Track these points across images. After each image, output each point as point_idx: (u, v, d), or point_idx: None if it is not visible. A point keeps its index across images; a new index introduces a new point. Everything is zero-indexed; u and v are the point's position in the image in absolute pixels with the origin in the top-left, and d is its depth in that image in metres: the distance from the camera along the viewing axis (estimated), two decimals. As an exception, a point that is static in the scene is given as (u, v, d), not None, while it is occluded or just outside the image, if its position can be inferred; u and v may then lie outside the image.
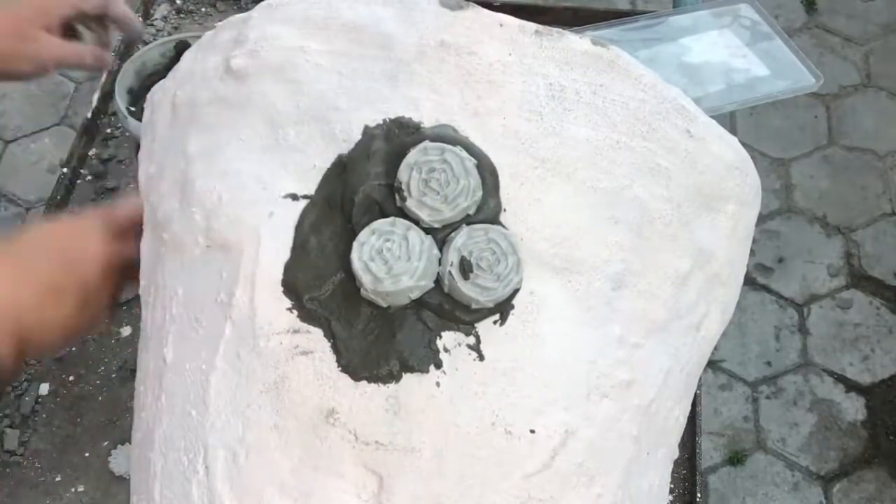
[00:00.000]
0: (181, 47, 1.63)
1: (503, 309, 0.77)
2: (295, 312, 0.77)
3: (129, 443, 0.94)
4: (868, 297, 3.12)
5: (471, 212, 0.77)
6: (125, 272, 0.99)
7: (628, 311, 0.81)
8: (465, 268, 0.75)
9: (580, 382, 0.78)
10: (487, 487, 0.76)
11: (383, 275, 0.74)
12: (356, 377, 0.76)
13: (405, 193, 0.76)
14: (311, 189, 0.80)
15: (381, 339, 0.76)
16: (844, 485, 2.79)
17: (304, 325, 0.77)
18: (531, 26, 0.83)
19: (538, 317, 0.78)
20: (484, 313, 0.77)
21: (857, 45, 3.77)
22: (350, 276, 0.76)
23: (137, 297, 0.92)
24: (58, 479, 1.34)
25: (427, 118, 0.80)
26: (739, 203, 0.88)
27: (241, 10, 1.86)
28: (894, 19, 3.85)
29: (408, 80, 0.82)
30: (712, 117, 0.88)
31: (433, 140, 0.78)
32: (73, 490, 1.33)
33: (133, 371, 1.16)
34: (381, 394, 0.76)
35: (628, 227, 0.81)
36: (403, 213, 0.77)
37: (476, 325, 0.77)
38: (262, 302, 0.77)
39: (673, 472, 0.90)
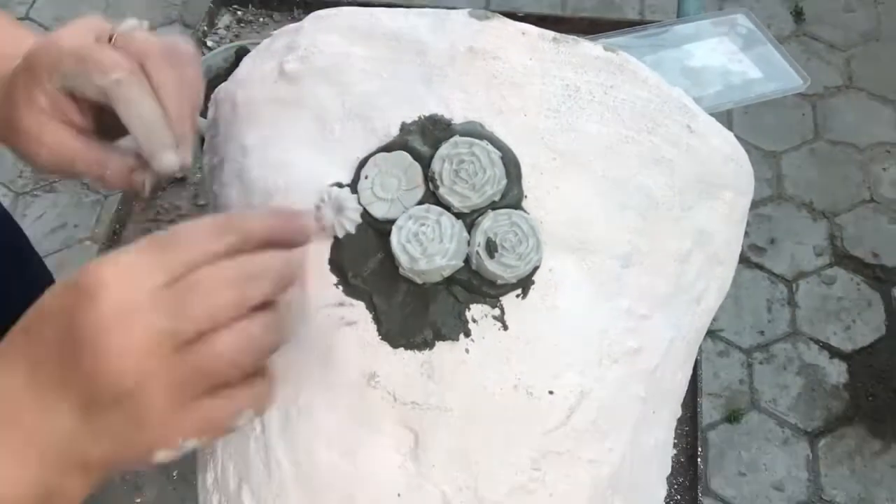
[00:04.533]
0: (241, 53, 1.63)
1: (525, 284, 0.77)
2: (341, 288, 0.77)
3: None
4: (850, 274, 3.11)
5: (496, 198, 0.76)
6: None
7: (636, 286, 0.81)
8: (491, 248, 0.75)
9: (593, 349, 0.78)
10: (511, 442, 0.76)
11: (419, 255, 0.73)
12: (395, 345, 0.76)
13: (438, 182, 0.76)
14: (354, 178, 0.80)
15: (417, 311, 0.76)
16: (828, 440, 2.78)
17: (349, 300, 0.77)
18: (550, 34, 0.83)
19: (556, 291, 0.78)
20: (508, 288, 0.76)
21: (840, 50, 3.75)
22: (389, 256, 0.75)
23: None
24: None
25: (457, 115, 0.79)
26: (735, 190, 0.88)
27: (295, 20, 1.86)
28: (873, 28, 3.83)
29: (440, 82, 0.81)
30: (711, 115, 0.87)
31: (463, 135, 0.77)
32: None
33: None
34: (417, 359, 0.76)
35: (636, 211, 0.81)
36: (437, 200, 0.76)
37: (501, 298, 0.77)
38: (312, 278, 0.77)
39: (676, 429, 0.90)
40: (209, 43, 1.87)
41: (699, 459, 1.30)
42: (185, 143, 0.79)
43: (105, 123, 0.83)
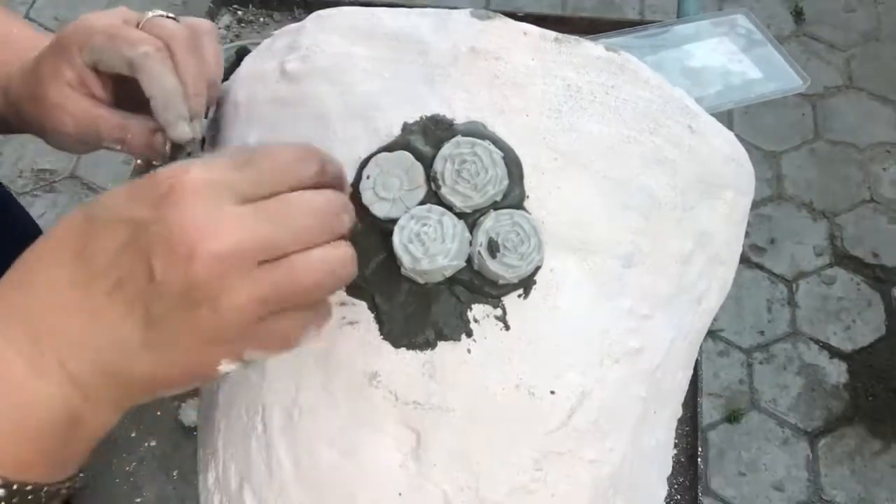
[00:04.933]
0: (242, 53, 1.63)
1: (526, 284, 0.77)
2: (342, 287, 0.77)
3: (196, 397, 0.93)
4: (850, 274, 3.11)
5: (498, 198, 0.76)
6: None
7: (637, 286, 0.81)
8: (493, 248, 0.75)
9: (594, 349, 0.78)
10: (513, 442, 0.76)
11: (421, 255, 0.73)
12: (396, 344, 0.76)
13: (440, 182, 0.76)
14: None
15: (419, 311, 0.76)
16: (828, 440, 2.78)
17: (351, 299, 0.77)
18: (551, 34, 0.83)
19: (557, 291, 0.78)
20: (509, 288, 0.76)
21: (840, 51, 3.75)
22: (391, 256, 0.75)
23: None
24: (132, 434, 1.34)
25: (459, 116, 0.79)
26: (736, 191, 0.88)
27: (296, 20, 1.86)
28: (873, 28, 3.84)
29: (442, 82, 0.81)
30: (712, 115, 0.87)
31: (465, 135, 0.77)
32: (146, 444, 1.33)
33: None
34: (419, 359, 0.76)
35: (638, 211, 0.81)
36: (438, 200, 0.77)
37: (502, 298, 0.77)
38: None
39: (677, 429, 0.90)
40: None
41: (699, 459, 1.30)
42: (198, 118, 0.86)
43: (121, 100, 0.90)
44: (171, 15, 0.90)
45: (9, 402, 0.60)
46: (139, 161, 1.70)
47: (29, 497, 0.60)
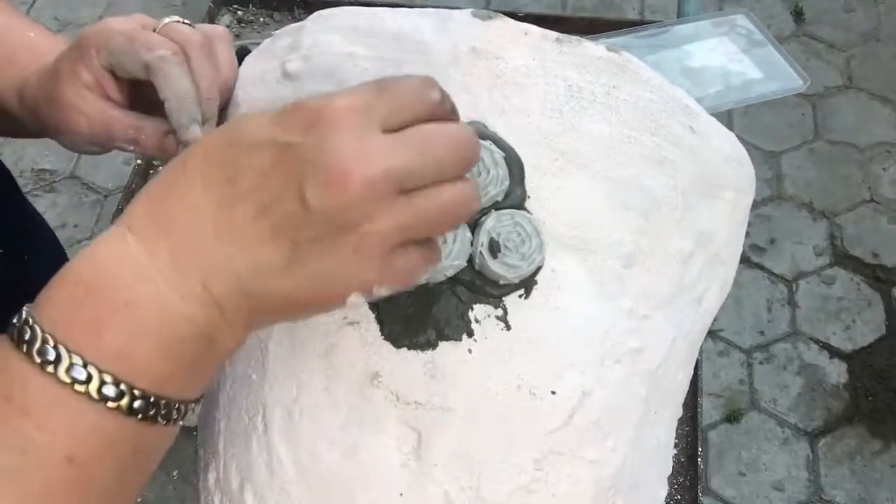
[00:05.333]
0: (242, 53, 1.63)
1: (528, 284, 0.77)
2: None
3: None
4: (850, 274, 3.11)
5: (499, 199, 0.77)
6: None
7: (638, 286, 0.81)
8: (494, 248, 0.75)
9: (595, 349, 0.78)
10: (514, 442, 0.76)
11: (421, 255, 0.74)
12: (397, 344, 0.76)
13: (441, 182, 0.76)
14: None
15: (420, 311, 0.76)
16: (828, 440, 2.78)
17: (352, 299, 0.77)
18: (552, 34, 0.83)
19: (558, 291, 0.78)
20: (510, 288, 0.77)
21: (840, 51, 3.75)
22: (392, 256, 0.75)
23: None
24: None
25: (461, 116, 0.79)
26: (736, 191, 0.88)
27: (296, 20, 1.86)
28: (873, 28, 3.84)
29: (443, 83, 0.80)
30: (712, 115, 0.87)
31: (466, 135, 0.77)
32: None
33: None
34: (420, 359, 0.76)
35: (638, 212, 0.81)
36: (440, 200, 0.77)
37: (503, 298, 0.77)
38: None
39: (677, 428, 0.90)
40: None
41: (699, 459, 1.31)
42: (211, 122, 0.87)
43: (135, 103, 0.92)
44: (186, 21, 0.92)
45: (154, 320, 0.61)
46: (140, 161, 1.70)
47: (164, 411, 0.62)
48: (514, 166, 0.78)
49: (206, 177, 0.62)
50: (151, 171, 1.71)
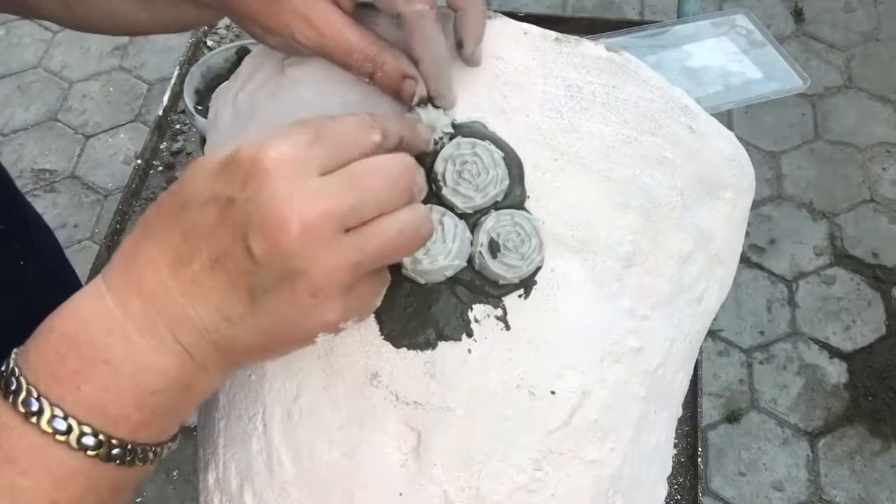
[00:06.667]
0: (242, 53, 1.63)
1: (527, 284, 0.77)
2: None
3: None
4: (850, 273, 3.11)
5: (499, 199, 0.77)
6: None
7: (637, 286, 0.81)
8: (494, 248, 0.75)
9: (595, 349, 0.78)
10: (514, 442, 0.76)
11: (422, 255, 0.74)
12: (397, 344, 0.76)
13: (441, 183, 0.76)
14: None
15: (420, 311, 0.76)
16: (828, 440, 2.78)
17: (352, 299, 0.77)
18: (552, 34, 0.83)
19: (558, 291, 0.78)
20: (510, 288, 0.77)
21: (840, 50, 3.75)
22: (392, 256, 0.75)
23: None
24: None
25: (460, 115, 0.79)
26: (736, 191, 0.88)
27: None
28: (873, 28, 3.84)
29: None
30: (712, 115, 0.87)
31: (465, 135, 0.77)
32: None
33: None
34: (419, 359, 0.76)
35: (638, 211, 0.81)
36: (440, 201, 0.77)
37: (503, 298, 0.77)
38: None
39: (677, 428, 0.90)
40: (209, 43, 1.87)
41: (699, 459, 1.31)
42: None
43: None
44: None
45: (129, 373, 0.64)
46: (139, 161, 1.70)
47: (140, 455, 0.65)
48: (514, 166, 0.78)
49: (164, 235, 0.64)
50: (151, 172, 1.71)
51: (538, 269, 0.77)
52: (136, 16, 0.91)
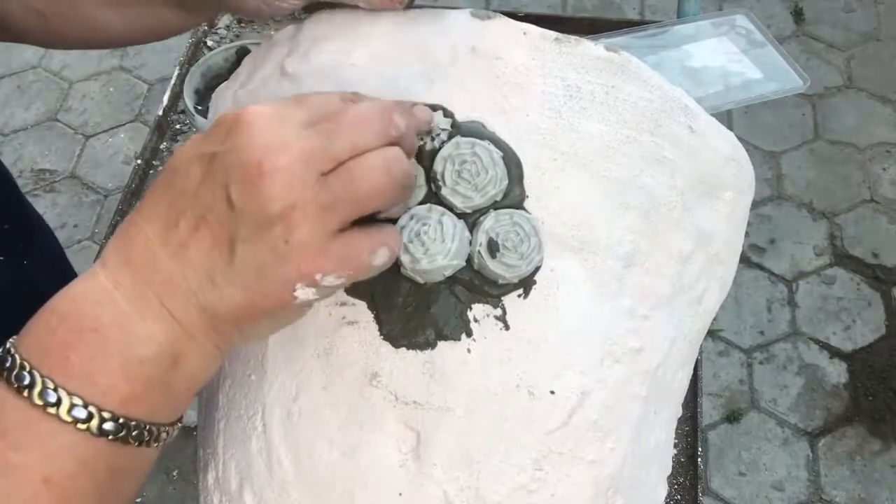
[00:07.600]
0: (242, 53, 1.63)
1: (526, 284, 0.77)
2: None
3: (196, 397, 0.93)
4: (850, 273, 3.12)
5: (498, 198, 0.77)
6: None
7: (637, 286, 0.81)
8: (493, 248, 0.75)
9: (594, 349, 0.78)
10: (513, 442, 0.76)
11: (421, 255, 0.74)
12: (396, 344, 0.76)
13: (440, 182, 0.76)
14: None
15: (419, 311, 0.76)
16: (828, 440, 2.78)
17: (350, 299, 0.77)
18: (551, 34, 0.83)
19: (557, 291, 0.78)
20: (509, 288, 0.77)
21: (840, 50, 3.75)
22: (391, 256, 0.75)
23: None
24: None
25: (459, 115, 0.79)
26: (736, 191, 0.88)
27: (295, 20, 1.86)
28: (873, 28, 3.84)
29: (442, 82, 0.81)
30: (712, 115, 0.87)
31: (464, 135, 0.77)
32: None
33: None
34: (419, 359, 0.76)
35: (637, 211, 0.81)
36: (439, 200, 0.77)
37: (502, 298, 0.77)
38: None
39: (677, 428, 0.90)
40: (209, 43, 1.87)
41: (699, 459, 1.31)
42: None
43: None
44: None
45: (117, 340, 0.64)
46: (139, 161, 1.70)
47: (134, 433, 0.65)
48: (513, 166, 0.78)
49: (153, 204, 0.66)
50: (151, 172, 1.71)
51: (537, 268, 0.77)
52: (112, 23, 0.95)
